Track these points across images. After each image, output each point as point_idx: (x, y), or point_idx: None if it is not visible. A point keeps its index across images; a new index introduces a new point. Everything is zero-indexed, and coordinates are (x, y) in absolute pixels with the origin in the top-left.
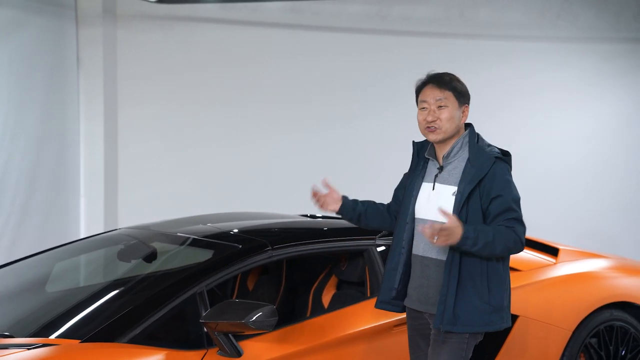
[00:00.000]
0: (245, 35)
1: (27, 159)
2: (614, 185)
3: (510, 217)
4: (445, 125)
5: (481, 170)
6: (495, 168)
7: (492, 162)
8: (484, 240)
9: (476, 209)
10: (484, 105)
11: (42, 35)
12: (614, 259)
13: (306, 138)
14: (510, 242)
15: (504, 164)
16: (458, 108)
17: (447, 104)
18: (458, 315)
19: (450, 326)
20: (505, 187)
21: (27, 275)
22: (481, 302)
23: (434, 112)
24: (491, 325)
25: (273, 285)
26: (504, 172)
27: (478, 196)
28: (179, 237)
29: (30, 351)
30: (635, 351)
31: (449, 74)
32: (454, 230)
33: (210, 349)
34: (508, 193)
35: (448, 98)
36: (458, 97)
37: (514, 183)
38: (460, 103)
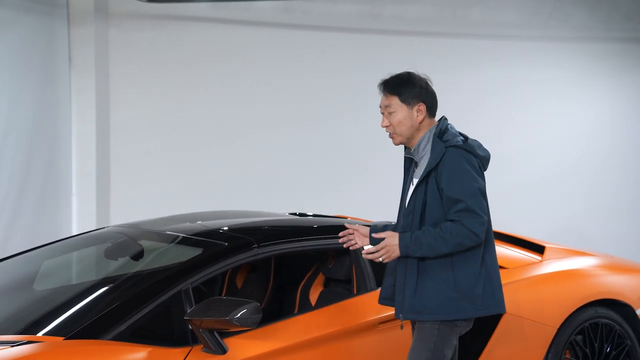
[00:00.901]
0: (237, 35)
1: (19, 157)
2: (607, 184)
3: (458, 210)
4: (398, 129)
5: (434, 159)
6: (447, 156)
7: (443, 151)
8: (426, 244)
9: (435, 196)
10: (476, 104)
11: (33, 34)
12: (600, 256)
13: (298, 136)
14: (460, 237)
15: (458, 150)
16: (408, 110)
17: (394, 109)
18: (423, 303)
19: (413, 315)
20: (453, 176)
21: (15, 273)
22: (448, 290)
23: (385, 119)
24: (462, 312)
25: (261, 283)
26: (455, 159)
27: (435, 184)
28: (167, 235)
29: (13, 348)
30: (620, 348)
31: (399, 77)
32: (390, 245)
33: (195, 346)
34: (456, 183)
35: (394, 104)
36: (404, 100)
37: (469, 169)
38: (409, 105)
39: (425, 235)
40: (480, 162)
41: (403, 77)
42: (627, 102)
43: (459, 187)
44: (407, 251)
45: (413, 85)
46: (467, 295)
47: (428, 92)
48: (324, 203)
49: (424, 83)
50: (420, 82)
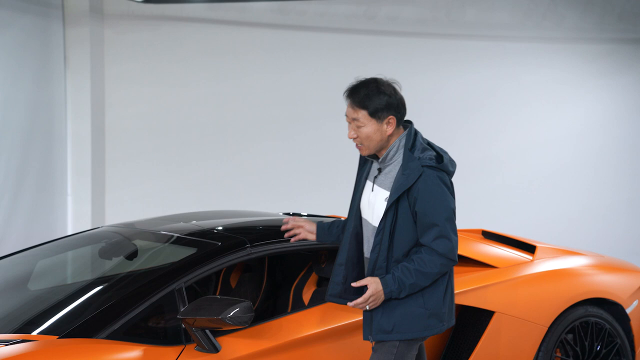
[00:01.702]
0: (231, 35)
1: (15, 157)
2: (599, 183)
3: (434, 237)
4: (365, 143)
5: (408, 180)
6: (423, 178)
7: (420, 172)
8: (409, 284)
9: (406, 216)
10: (469, 105)
11: (29, 35)
12: (591, 256)
13: (293, 137)
14: (438, 267)
15: (434, 171)
16: (377, 124)
17: (362, 122)
18: (392, 322)
19: (382, 335)
20: (430, 199)
21: (9, 272)
22: (417, 307)
23: (353, 130)
24: (429, 329)
25: (255, 282)
26: (432, 182)
27: (407, 204)
28: (161, 234)
29: (8, 347)
30: (610, 346)
31: (366, 86)
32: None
33: (188, 344)
34: (433, 208)
35: (362, 118)
36: (373, 114)
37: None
38: (379, 119)
39: (406, 276)
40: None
41: (371, 87)
42: (619, 102)
43: (436, 212)
44: (391, 295)
45: (382, 97)
46: (435, 313)
47: (397, 102)
48: (317, 203)
49: (392, 91)
50: (389, 90)
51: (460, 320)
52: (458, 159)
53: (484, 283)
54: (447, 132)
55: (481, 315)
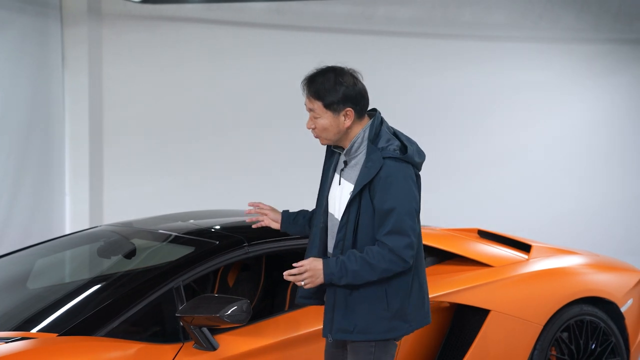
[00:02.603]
0: (229, 35)
1: (13, 157)
2: (596, 183)
3: (388, 231)
4: (323, 134)
5: (370, 172)
6: (384, 170)
7: (381, 164)
8: (351, 271)
9: (368, 210)
10: (466, 105)
11: (27, 35)
12: (586, 255)
13: (290, 136)
14: (387, 264)
15: (396, 163)
16: (333, 116)
17: (318, 114)
18: (355, 323)
19: (343, 335)
20: (388, 192)
21: (8, 271)
22: (379, 309)
23: (310, 121)
24: (394, 331)
25: (252, 281)
26: (393, 174)
27: (369, 197)
28: (159, 233)
29: (7, 344)
30: (604, 345)
31: (324, 76)
32: (314, 270)
33: (186, 342)
34: (390, 199)
35: (318, 109)
36: (329, 106)
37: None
38: (335, 111)
39: (351, 262)
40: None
41: (328, 77)
42: (616, 102)
43: (393, 205)
44: (331, 278)
45: (338, 88)
46: (399, 314)
47: (356, 93)
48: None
49: (351, 82)
50: (347, 81)
51: (456, 319)
52: (455, 158)
53: (479, 282)
54: (443, 131)
55: (477, 313)
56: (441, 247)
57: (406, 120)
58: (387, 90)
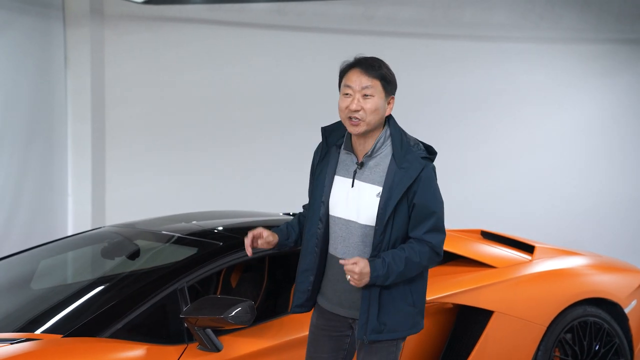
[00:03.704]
0: (231, 36)
1: (15, 158)
2: (598, 184)
3: (429, 229)
4: (369, 117)
5: (411, 174)
6: (425, 172)
7: (422, 165)
8: (397, 272)
9: (403, 214)
10: (467, 105)
11: (29, 36)
12: (589, 256)
13: (293, 137)
14: (425, 260)
15: (432, 164)
16: (384, 99)
17: (373, 92)
18: (384, 322)
19: (375, 335)
20: (428, 193)
21: (12, 272)
22: (406, 305)
23: (358, 101)
24: (415, 327)
25: (255, 282)
26: (431, 175)
27: (406, 201)
28: (162, 234)
29: (13, 345)
30: (608, 346)
31: (378, 60)
32: (362, 272)
33: (190, 343)
34: (430, 199)
35: (375, 87)
36: (386, 86)
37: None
38: (387, 93)
39: (397, 263)
40: None
41: (383, 62)
42: (617, 102)
43: (434, 205)
44: (376, 280)
45: (391, 74)
46: (420, 310)
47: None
48: None
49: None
50: (393, 73)
51: (459, 320)
52: (456, 159)
53: (483, 283)
54: (445, 132)
55: (480, 315)
56: (444, 248)
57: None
58: None
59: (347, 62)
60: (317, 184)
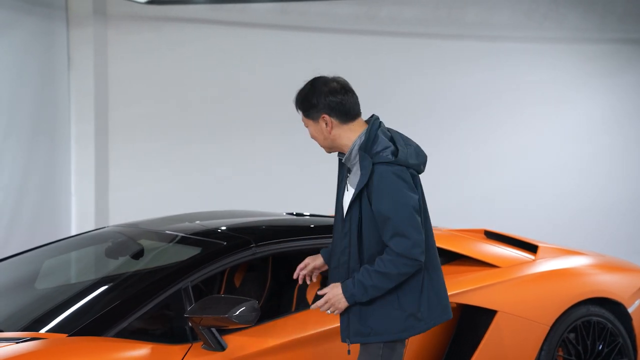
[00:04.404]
0: (234, 36)
1: (19, 158)
2: (599, 183)
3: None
4: (318, 141)
5: (363, 177)
6: (376, 175)
7: (370, 168)
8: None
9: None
10: (470, 105)
11: (33, 36)
12: (593, 255)
13: (296, 137)
14: (400, 267)
15: (388, 167)
16: (314, 124)
17: (306, 124)
18: (369, 326)
19: (359, 338)
20: (383, 196)
21: (17, 272)
22: (392, 309)
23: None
24: (409, 330)
25: (259, 282)
26: (385, 178)
27: (367, 202)
28: (166, 234)
29: (18, 345)
30: (612, 346)
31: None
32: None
33: (194, 343)
34: (386, 203)
35: (304, 119)
36: (308, 114)
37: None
38: (314, 118)
39: (366, 278)
40: (415, 170)
41: (305, 90)
42: (621, 102)
43: (390, 209)
44: (353, 299)
45: (312, 97)
46: (411, 313)
47: (332, 100)
48: (320, 203)
49: (326, 90)
50: (322, 89)
51: (462, 320)
52: (459, 158)
53: (486, 282)
54: (447, 131)
55: (483, 314)
56: (448, 248)
57: (410, 120)
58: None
59: None
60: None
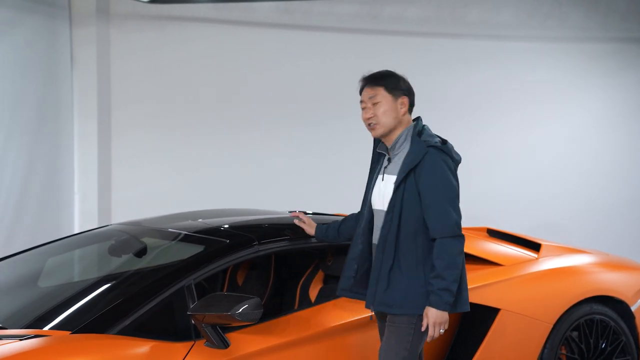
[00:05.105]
0: (237, 35)
1: (22, 157)
2: (601, 183)
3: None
4: (382, 120)
5: (414, 158)
6: (428, 157)
7: (425, 151)
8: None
9: (412, 195)
10: (473, 104)
11: (36, 35)
12: (596, 254)
13: (298, 136)
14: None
15: (438, 152)
16: (393, 101)
17: (379, 99)
18: (393, 297)
19: (382, 307)
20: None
21: (20, 270)
22: (416, 286)
23: (370, 109)
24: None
25: (262, 280)
26: (436, 161)
27: (413, 182)
28: (169, 232)
29: (22, 342)
30: (615, 344)
31: (381, 71)
32: (436, 319)
33: (197, 340)
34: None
35: (379, 93)
36: (390, 90)
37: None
38: (394, 96)
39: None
40: (455, 165)
41: (386, 72)
42: (624, 101)
43: (438, 190)
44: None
45: (397, 79)
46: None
47: (410, 89)
48: (323, 202)
49: (406, 80)
50: (402, 78)
51: (465, 318)
52: (463, 157)
53: (489, 281)
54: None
55: (487, 312)
56: None
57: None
58: None
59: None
60: (366, 186)
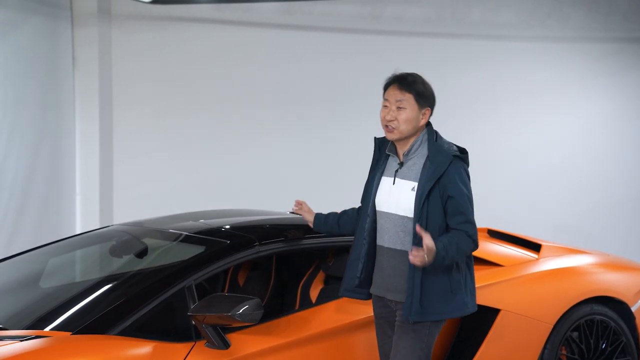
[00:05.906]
0: (238, 36)
1: (24, 158)
2: (603, 183)
3: (462, 221)
4: (402, 126)
5: (440, 167)
6: (453, 167)
7: (450, 160)
8: (451, 256)
9: (436, 204)
10: (474, 104)
11: (37, 36)
12: (596, 254)
13: (299, 137)
14: (466, 245)
15: (461, 162)
16: (418, 110)
17: (406, 105)
18: (424, 306)
19: (418, 316)
20: (459, 186)
21: (21, 270)
22: (444, 292)
23: (393, 112)
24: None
25: (263, 280)
26: (459, 171)
27: (438, 193)
28: (170, 233)
29: (23, 343)
30: (615, 344)
31: (414, 76)
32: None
33: (198, 341)
34: (462, 194)
35: (408, 100)
36: (418, 99)
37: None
38: (420, 106)
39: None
40: None
41: (418, 78)
42: (625, 101)
43: (464, 199)
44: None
45: (426, 88)
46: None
47: (434, 100)
48: (324, 203)
49: (431, 89)
50: (430, 87)
51: (466, 318)
52: None
53: (490, 281)
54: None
55: (487, 313)
56: None
57: None
58: None
59: (389, 77)
60: (368, 186)
